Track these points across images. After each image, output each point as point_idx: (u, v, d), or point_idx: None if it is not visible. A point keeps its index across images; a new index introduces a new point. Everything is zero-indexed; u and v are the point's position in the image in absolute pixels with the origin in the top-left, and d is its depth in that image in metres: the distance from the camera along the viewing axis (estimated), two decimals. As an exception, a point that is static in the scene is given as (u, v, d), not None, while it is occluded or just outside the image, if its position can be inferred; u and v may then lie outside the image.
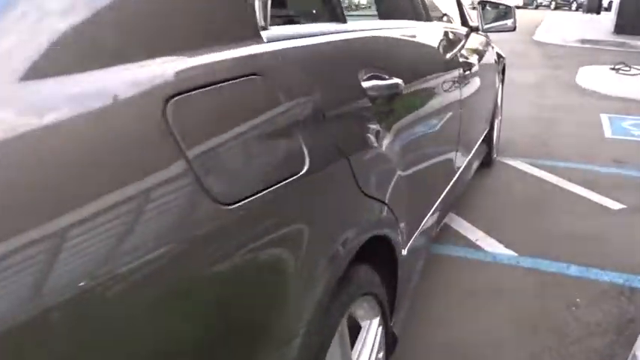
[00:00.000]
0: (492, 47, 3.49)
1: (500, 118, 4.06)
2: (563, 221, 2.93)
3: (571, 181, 3.51)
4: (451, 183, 2.37)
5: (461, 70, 2.23)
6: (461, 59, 2.28)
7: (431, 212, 2.04)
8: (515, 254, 2.56)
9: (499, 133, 4.02)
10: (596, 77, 7.07)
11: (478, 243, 2.68)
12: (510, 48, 9.45)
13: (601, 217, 3.01)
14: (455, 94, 2.13)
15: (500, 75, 3.78)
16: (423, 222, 1.89)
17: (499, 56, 3.68)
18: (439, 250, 2.57)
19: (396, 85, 1.30)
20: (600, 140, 4.56)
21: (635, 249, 2.64)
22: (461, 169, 2.59)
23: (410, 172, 1.58)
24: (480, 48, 3.05)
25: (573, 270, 2.42)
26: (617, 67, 7.47)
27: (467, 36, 2.78)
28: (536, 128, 4.88)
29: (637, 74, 7.14)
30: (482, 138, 3.27)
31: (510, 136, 4.45)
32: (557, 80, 7.31)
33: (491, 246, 2.64)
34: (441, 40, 2.16)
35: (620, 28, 11.72)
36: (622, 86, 6.56)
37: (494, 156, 3.83)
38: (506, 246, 2.64)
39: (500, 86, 3.88)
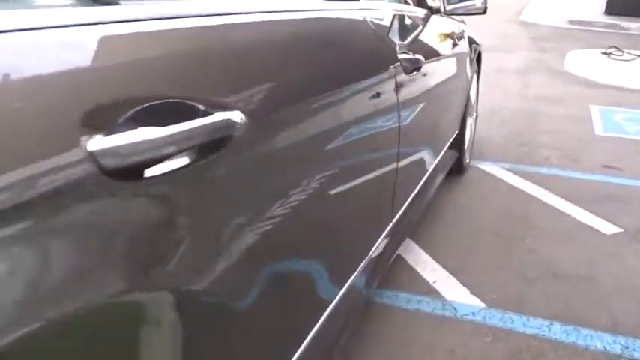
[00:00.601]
0: (463, 32, 2.87)
1: (475, 115, 3.46)
2: (544, 253, 2.35)
3: (555, 194, 2.93)
4: (398, 215, 1.79)
5: (402, 71, 1.61)
6: (405, 54, 1.65)
7: (363, 265, 1.46)
8: (483, 305, 1.98)
9: (473, 134, 3.42)
10: (586, 63, 6.47)
11: (436, 286, 2.10)
12: (494, 29, 8.86)
13: (592, 245, 2.44)
14: (390, 102, 1.51)
15: (475, 65, 3.16)
16: (346, 285, 1.31)
17: (472, 42, 3.05)
18: (383, 298, 1.99)
19: (224, 124, 0.67)
20: (590, 139, 3.97)
21: (636, 296, 2.07)
22: (414, 192, 2.00)
23: (304, 240, 0.99)
24: (445, 35, 2.43)
25: (556, 330, 1.85)
26: (608, 51, 6.87)
27: (425, 20, 2.16)
28: (518, 124, 4.28)
29: (630, 60, 6.56)
30: (448, 144, 2.68)
31: (487, 134, 3.86)
32: (543, 66, 6.70)
33: (453, 291, 2.06)
34: (373, 29, 1.54)
35: (611, 8, 11.07)
36: (614, 73, 5.99)
37: (467, 161, 3.23)
38: (472, 292, 2.06)
39: (475, 78, 3.27)
